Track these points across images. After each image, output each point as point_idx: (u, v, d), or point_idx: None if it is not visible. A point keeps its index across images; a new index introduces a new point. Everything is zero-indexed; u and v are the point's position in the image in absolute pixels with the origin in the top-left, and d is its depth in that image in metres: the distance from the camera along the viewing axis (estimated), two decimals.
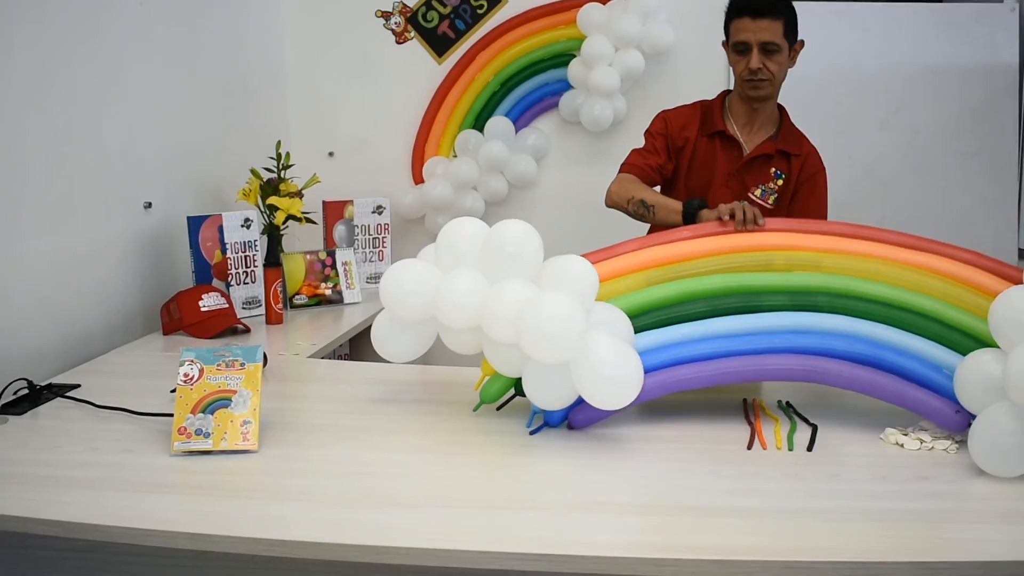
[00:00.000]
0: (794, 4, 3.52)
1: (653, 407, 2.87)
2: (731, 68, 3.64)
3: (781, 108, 3.73)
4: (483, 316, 2.61)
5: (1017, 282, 2.63)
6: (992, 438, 2.38)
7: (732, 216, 3.06)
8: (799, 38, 3.56)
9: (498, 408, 2.85)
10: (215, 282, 4.25)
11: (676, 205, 3.38)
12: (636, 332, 2.78)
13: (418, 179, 5.71)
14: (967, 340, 2.71)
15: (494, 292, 2.60)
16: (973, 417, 2.47)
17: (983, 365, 2.45)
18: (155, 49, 4.23)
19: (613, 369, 2.53)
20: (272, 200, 4.33)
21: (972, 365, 2.49)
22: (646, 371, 2.65)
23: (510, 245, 2.63)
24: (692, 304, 2.93)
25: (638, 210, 3.51)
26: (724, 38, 3.63)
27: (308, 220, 4.50)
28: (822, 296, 2.89)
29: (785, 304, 2.91)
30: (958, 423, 2.58)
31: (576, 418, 2.71)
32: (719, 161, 3.71)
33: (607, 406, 2.61)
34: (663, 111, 3.81)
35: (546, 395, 2.63)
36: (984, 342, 2.61)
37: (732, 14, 3.54)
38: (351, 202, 5.13)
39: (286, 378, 3.38)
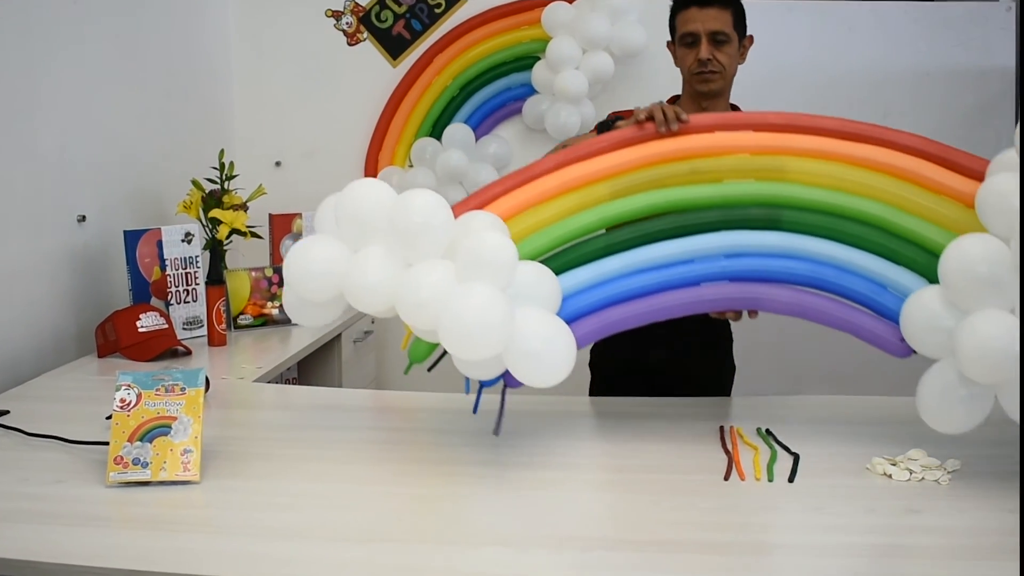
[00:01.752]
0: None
1: (622, 434, 2.90)
2: (679, 68, 3.63)
3: (735, 108, 3.76)
4: (398, 303, 2.63)
5: (970, 172, 2.69)
6: (941, 393, 2.51)
7: (651, 118, 3.03)
8: (748, 33, 3.61)
9: (429, 369, 2.85)
10: (154, 301, 4.26)
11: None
12: (560, 271, 2.81)
13: None
14: (916, 251, 2.73)
15: (409, 280, 2.61)
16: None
17: (928, 303, 2.53)
18: (89, 50, 4.25)
19: (543, 344, 2.58)
20: (215, 213, 4.34)
21: (917, 307, 2.55)
22: (577, 316, 2.72)
23: (418, 215, 2.61)
24: (618, 232, 2.94)
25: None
26: (669, 38, 3.65)
27: (253, 234, 4.51)
28: (755, 208, 2.89)
29: (718, 221, 2.90)
30: (902, 350, 2.66)
31: (511, 378, 2.69)
32: None
33: (539, 383, 2.62)
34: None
35: (473, 368, 2.67)
36: (934, 252, 2.63)
37: (678, 7, 3.56)
38: (300, 215, 5.13)
39: (230, 404, 3.38)
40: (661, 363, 3.59)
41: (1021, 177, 2.24)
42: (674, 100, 3.77)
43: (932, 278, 2.60)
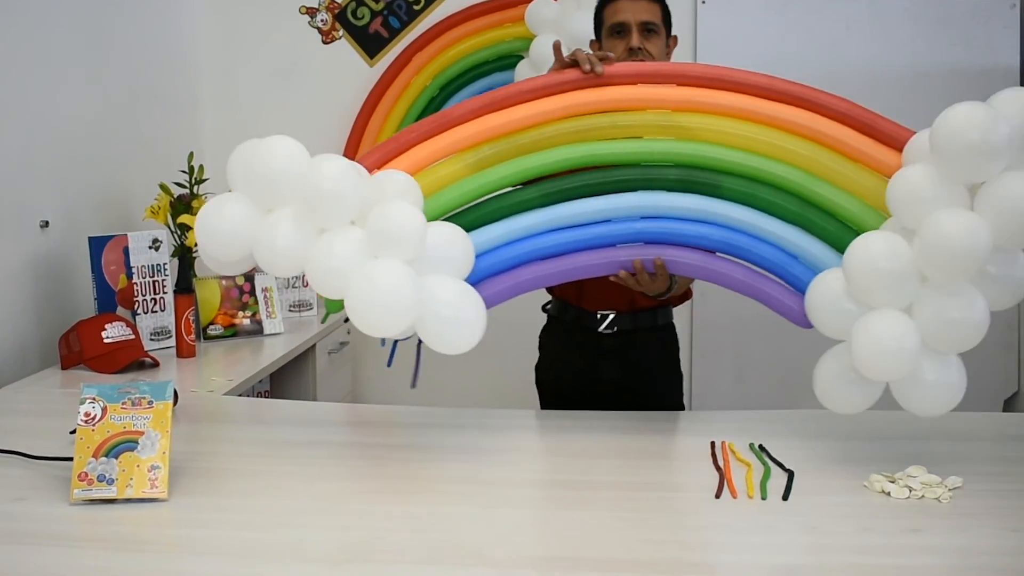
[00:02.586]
0: None
1: (608, 449, 2.91)
2: None
3: None
4: (307, 271, 2.73)
5: (894, 141, 2.83)
6: (837, 375, 2.72)
7: (575, 63, 3.09)
8: (673, 33, 3.64)
9: (346, 320, 2.88)
10: (120, 310, 4.25)
11: None
12: (474, 226, 2.92)
13: None
14: (829, 221, 2.89)
15: (318, 249, 2.70)
16: None
17: (832, 286, 2.72)
18: (51, 47, 4.24)
19: (453, 311, 2.71)
20: (184, 219, 4.34)
21: (821, 289, 2.74)
22: (489, 274, 2.85)
23: (328, 182, 2.67)
24: (535, 187, 3.04)
25: None
26: (593, 37, 3.67)
27: None
28: (673, 169, 3.00)
29: (636, 180, 3.01)
30: (807, 321, 2.80)
31: None
32: None
33: (449, 350, 2.73)
34: None
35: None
36: (847, 223, 2.84)
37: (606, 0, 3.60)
38: None
39: (199, 418, 3.36)
40: (613, 378, 3.63)
41: None
42: None
43: (842, 249, 2.73)
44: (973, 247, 2.46)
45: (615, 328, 3.58)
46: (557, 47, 3.19)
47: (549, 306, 3.81)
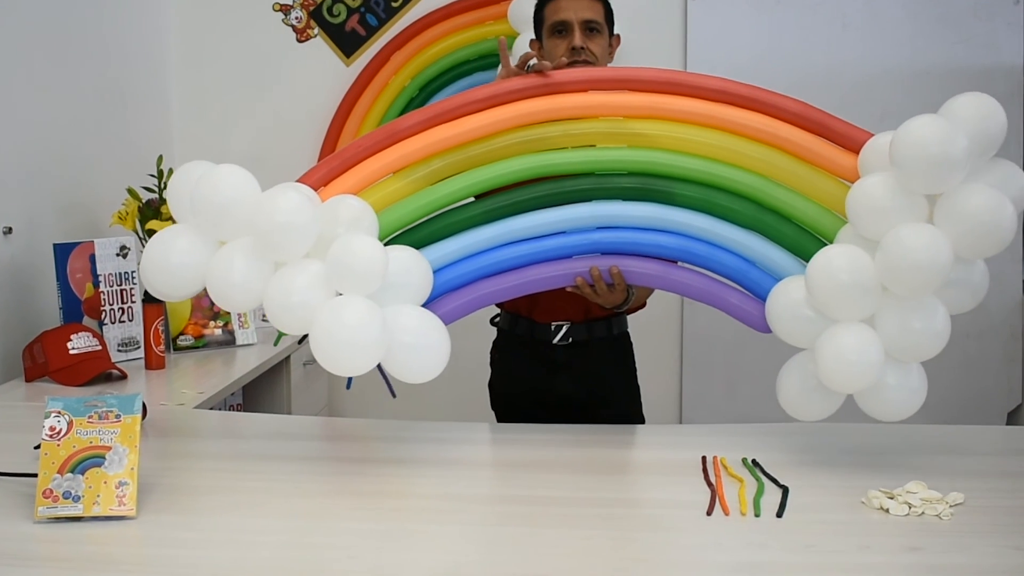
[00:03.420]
0: None
1: (597, 464, 2.91)
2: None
3: None
4: (266, 307, 2.77)
5: (845, 141, 2.93)
6: (800, 383, 2.85)
7: (526, 69, 3.12)
8: (616, 32, 3.66)
9: (299, 342, 2.89)
10: (86, 320, 4.25)
11: None
12: (428, 242, 2.98)
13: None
14: (786, 227, 2.97)
15: (277, 283, 2.74)
16: None
17: (793, 294, 2.82)
18: (14, 47, 4.24)
19: (415, 338, 2.78)
20: (152, 224, 4.34)
21: (782, 297, 2.85)
22: (443, 291, 2.92)
23: (282, 215, 2.70)
24: (489, 200, 3.09)
25: None
26: (534, 36, 3.70)
27: None
28: (629, 178, 3.05)
29: (591, 189, 3.06)
30: (768, 327, 2.89)
31: None
32: None
33: (417, 378, 2.81)
34: None
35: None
36: (804, 226, 2.95)
37: None
38: None
39: (169, 432, 3.36)
40: (569, 392, 3.66)
41: None
42: None
43: (800, 253, 2.89)
44: (935, 263, 2.57)
45: (570, 339, 3.61)
46: (503, 44, 3.21)
47: (498, 319, 3.83)
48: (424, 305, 2.90)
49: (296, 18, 5.84)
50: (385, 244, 2.86)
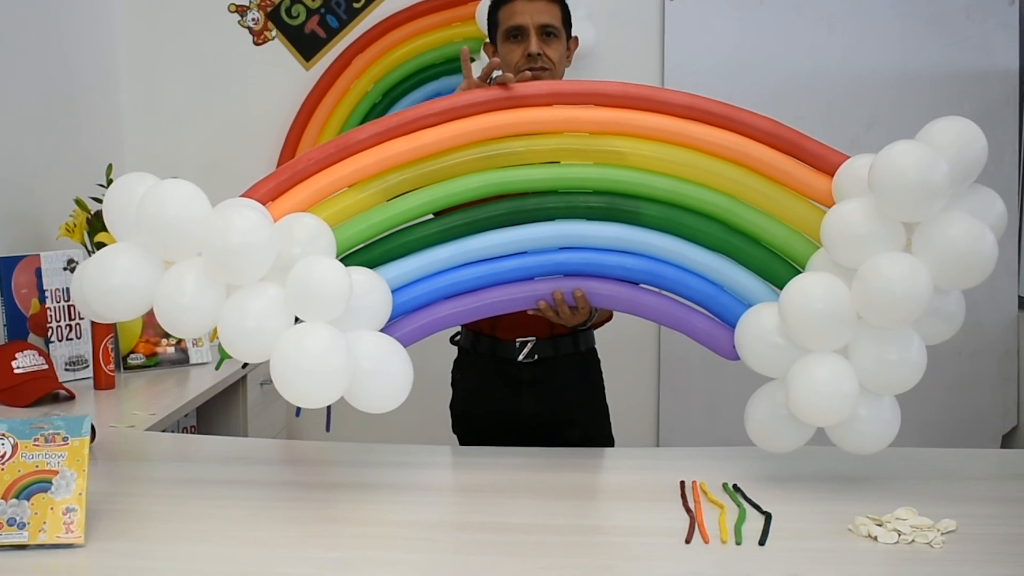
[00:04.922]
0: None
1: (568, 489, 2.93)
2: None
3: None
4: (221, 332, 2.76)
5: (819, 162, 2.97)
6: (770, 415, 2.89)
7: (488, 82, 3.15)
8: (574, 35, 3.69)
9: (244, 367, 2.89)
10: (31, 338, 4.25)
11: None
12: (384, 261, 3.00)
13: None
14: (756, 250, 3.01)
15: (233, 307, 2.74)
16: None
17: (764, 323, 2.86)
18: None
19: (377, 364, 2.78)
20: (102, 237, 4.33)
21: (752, 326, 2.88)
22: (401, 312, 2.96)
23: (238, 235, 2.69)
24: (449, 217, 3.10)
25: None
26: (488, 39, 3.72)
27: None
28: (594, 196, 3.08)
29: (554, 208, 3.09)
30: (736, 354, 2.93)
31: None
32: None
33: (379, 408, 2.82)
34: None
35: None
36: (774, 250, 2.99)
37: (501, 0, 3.63)
38: None
39: (119, 456, 3.36)
40: (535, 412, 3.69)
41: None
42: None
43: (770, 278, 2.94)
44: (915, 294, 2.61)
45: (535, 356, 3.63)
46: (465, 55, 3.22)
47: (459, 338, 3.85)
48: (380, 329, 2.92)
49: (253, 19, 5.83)
50: None
